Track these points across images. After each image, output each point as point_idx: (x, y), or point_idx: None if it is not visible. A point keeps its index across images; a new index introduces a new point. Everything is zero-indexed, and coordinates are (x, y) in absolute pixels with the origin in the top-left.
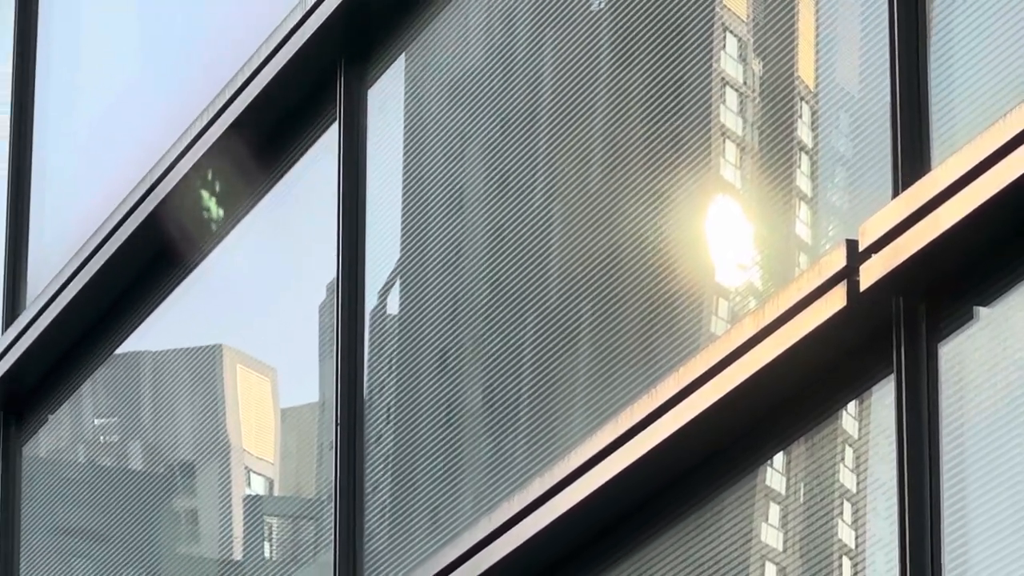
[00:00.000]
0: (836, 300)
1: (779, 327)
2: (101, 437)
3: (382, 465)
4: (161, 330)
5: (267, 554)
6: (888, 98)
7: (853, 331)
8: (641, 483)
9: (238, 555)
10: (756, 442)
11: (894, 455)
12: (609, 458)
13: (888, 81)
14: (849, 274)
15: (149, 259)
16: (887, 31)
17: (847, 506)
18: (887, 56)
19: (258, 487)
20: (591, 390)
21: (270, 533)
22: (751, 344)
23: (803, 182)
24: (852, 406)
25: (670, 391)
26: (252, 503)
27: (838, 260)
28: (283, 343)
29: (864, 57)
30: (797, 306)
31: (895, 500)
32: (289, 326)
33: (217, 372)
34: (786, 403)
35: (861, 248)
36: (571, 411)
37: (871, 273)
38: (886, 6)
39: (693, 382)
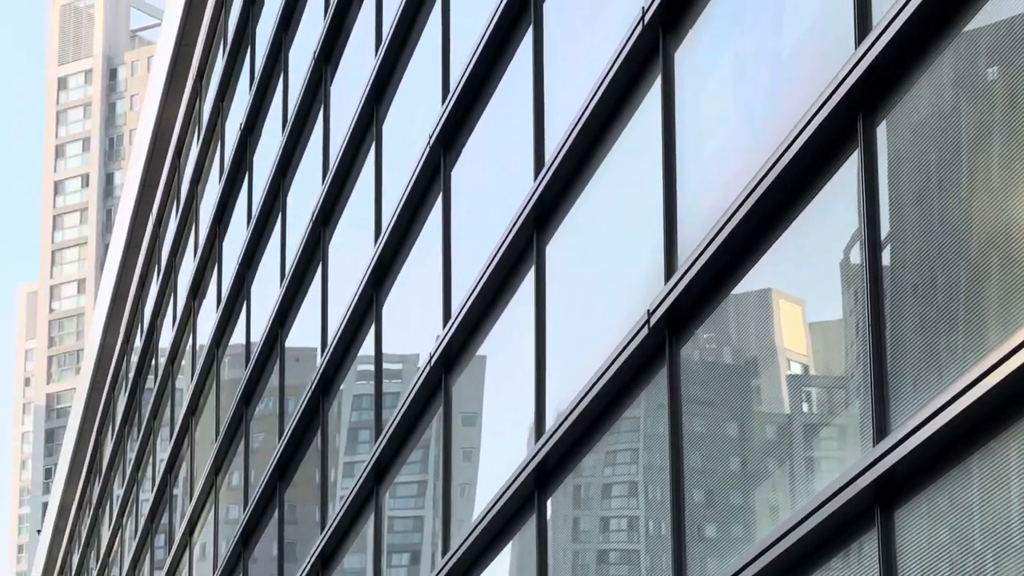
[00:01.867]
0: None
1: None
2: (707, 345)
3: (896, 344)
4: (743, 281)
5: (805, 409)
6: None
7: None
8: None
9: (788, 409)
10: None
11: None
12: None
13: None
14: None
15: (738, 235)
16: None
17: None
18: None
19: (796, 370)
20: (1002, 304)
21: (808, 396)
22: None
23: None
24: None
25: None
26: (795, 380)
27: None
28: (812, 285)
29: None
30: None
31: None
32: (815, 275)
33: (769, 304)
34: None
35: None
36: (988, 318)
37: None
38: None
39: None
